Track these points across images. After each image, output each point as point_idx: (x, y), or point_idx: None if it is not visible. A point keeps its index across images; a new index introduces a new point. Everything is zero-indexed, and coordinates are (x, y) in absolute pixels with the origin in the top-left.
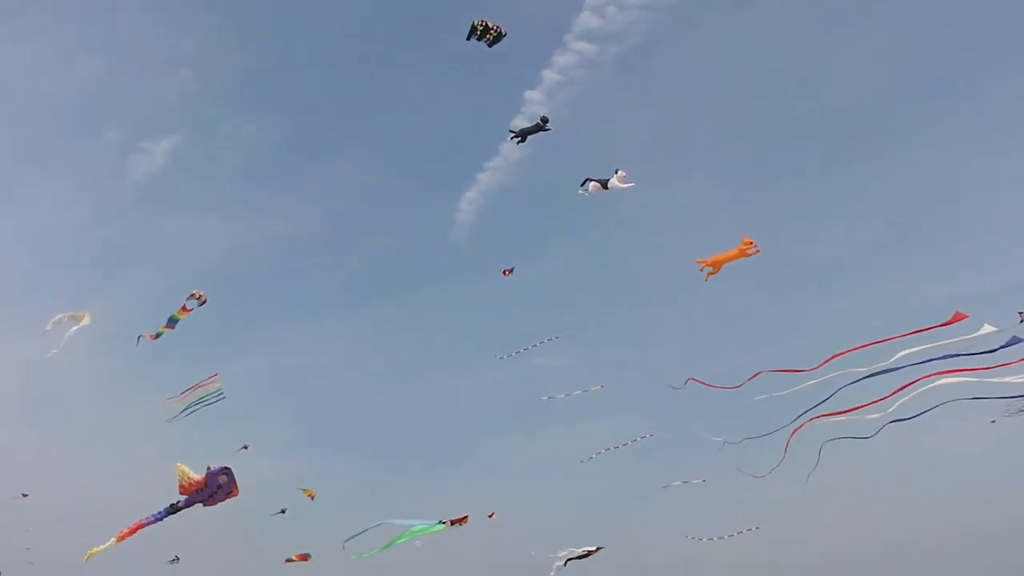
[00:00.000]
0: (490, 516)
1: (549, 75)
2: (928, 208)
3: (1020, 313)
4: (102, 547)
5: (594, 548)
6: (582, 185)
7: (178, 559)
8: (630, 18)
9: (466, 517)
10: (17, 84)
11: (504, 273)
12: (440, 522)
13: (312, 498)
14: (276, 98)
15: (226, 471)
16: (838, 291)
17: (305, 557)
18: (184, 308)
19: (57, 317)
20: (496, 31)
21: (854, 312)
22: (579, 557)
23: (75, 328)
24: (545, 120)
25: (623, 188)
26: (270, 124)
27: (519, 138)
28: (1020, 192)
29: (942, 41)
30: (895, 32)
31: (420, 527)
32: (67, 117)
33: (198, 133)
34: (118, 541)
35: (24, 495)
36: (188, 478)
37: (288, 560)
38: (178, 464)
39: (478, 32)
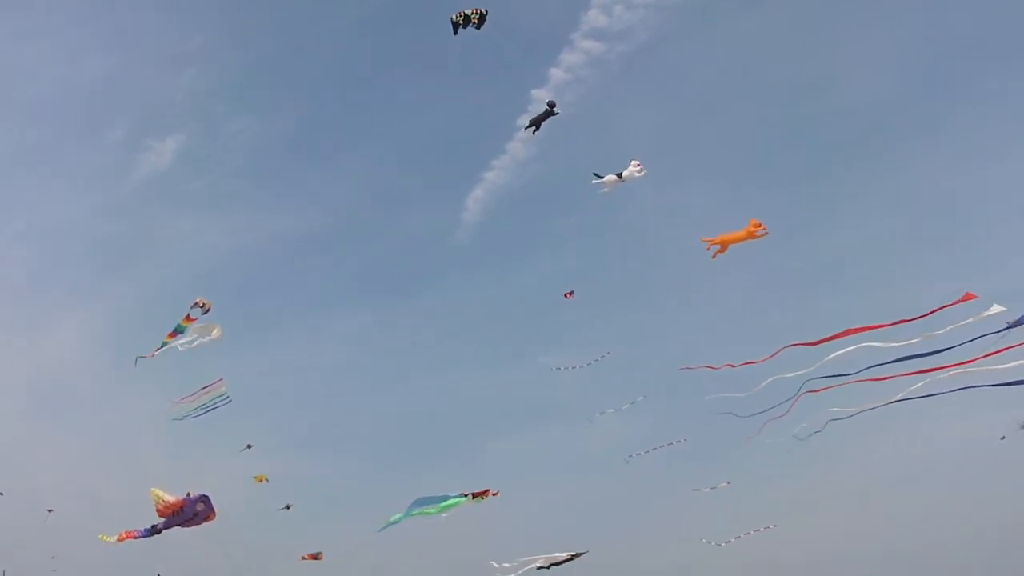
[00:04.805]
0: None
1: (556, 73)
2: (933, 209)
3: None
4: (110, 538)
5: (564, 557)
6: (597, 178)
7: None
8: (637, 16)
9: (488, 491)
10: (24, 81)
11: (566, 296)
12: (462, 495)
13: (263, 482)
14: (283, 96)
15: (204, 499)
16: (846, 290)
17: (317, 556)
18: (188, 317)
19: (194, 327)
20: (477, 14)
21: (864, 310)
22: (556, 564)
23: (207, 339)
24: (552, 104)
25: (638, 176)
26: (276, 122)
27: (534, 127)
28: None
29: (950, 43)
30: (901, 35)
31: (446, 503)
32: (74, 114)
33: (204, 131)
34: (118, 540)
35: (49, 511)
36: (163, 501)
37: (303, 558)
38: (152, 489)
39: (461, 23)
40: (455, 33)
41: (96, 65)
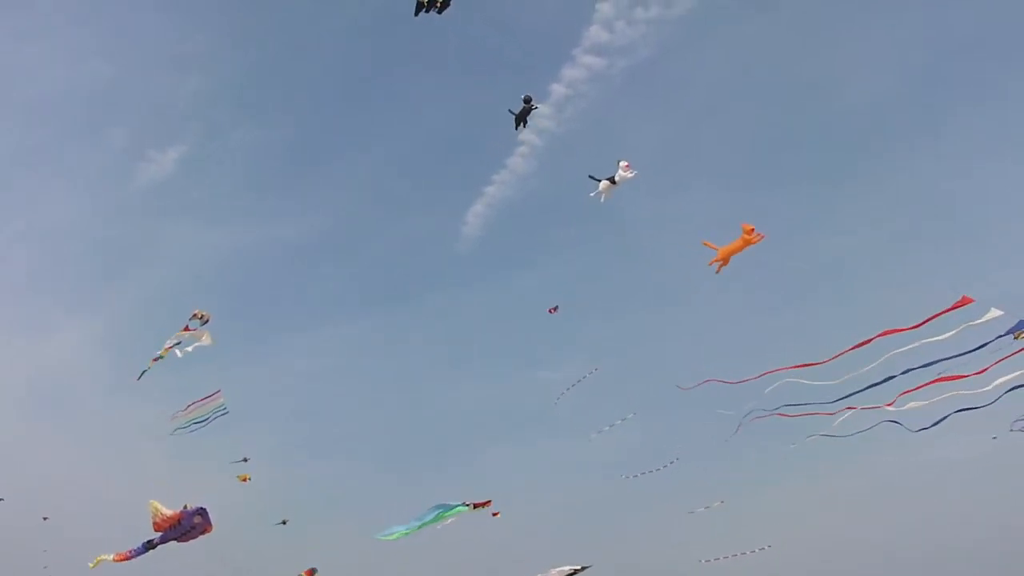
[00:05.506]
0: (495, 515)
1: (558, 89)
2: (933, 209)
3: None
4: (105, 557)
5: (568, 571)
6: (593, 180)
7: None
8: (639, 32)
9: (489, 502)
10: (24, 81)
11: (550, 311)
12: (464, 504)
13: (246, 481)
14: (283, 101)
15: (201, 512)
16: (846, 291)
17: (311, 572)
18: (187, 328)
19: (182, 333)
20: None
21: (863, 311)
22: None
23: (195, 345)
24: (528, 99)
25: (630, 177)
26: (277, 127)
27: (520, 125)
28: None
29: (950, 43)
30: (901, 35)
31: (449, 511)
32: (74, 115)
33: (205, 137)
34: (115, 560)
35: (45, 518)
36: (161, 514)
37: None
38: (151, 501)
39: (425, 5)
40: (415, 14)
41: (97, 66)
